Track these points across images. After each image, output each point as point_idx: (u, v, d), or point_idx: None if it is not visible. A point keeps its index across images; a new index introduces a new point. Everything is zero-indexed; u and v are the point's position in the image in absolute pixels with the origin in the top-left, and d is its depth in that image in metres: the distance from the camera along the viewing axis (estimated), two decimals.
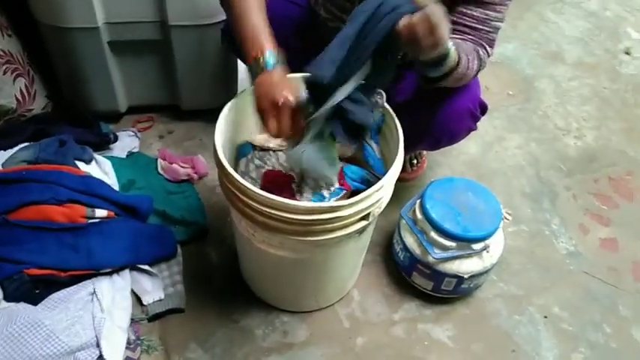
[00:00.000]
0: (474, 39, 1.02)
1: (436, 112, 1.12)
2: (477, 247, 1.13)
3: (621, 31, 2.17)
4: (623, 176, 1.59)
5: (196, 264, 1.26)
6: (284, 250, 1.00)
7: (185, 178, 1.41)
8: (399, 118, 1.01)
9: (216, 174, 0.99)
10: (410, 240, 1.19)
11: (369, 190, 0.90)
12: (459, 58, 0.93)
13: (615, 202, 1.52)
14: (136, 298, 1.16)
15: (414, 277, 1.22)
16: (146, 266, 1.18)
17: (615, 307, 1.27)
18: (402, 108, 1.04)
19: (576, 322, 1.23)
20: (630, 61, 2.02)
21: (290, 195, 1.01)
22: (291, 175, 1.05)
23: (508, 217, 1.43)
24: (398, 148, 0.97)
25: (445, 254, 1.13)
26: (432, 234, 1.14)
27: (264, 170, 1.06)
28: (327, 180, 1.01)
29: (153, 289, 1.17)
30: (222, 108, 1.01)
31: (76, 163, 1.27)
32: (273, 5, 1.13)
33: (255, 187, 0.89)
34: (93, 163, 1.32)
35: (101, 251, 1.12)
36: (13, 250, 1.08)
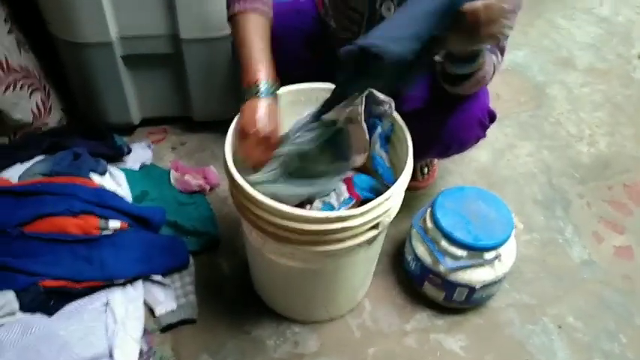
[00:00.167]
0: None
1: (445, 121, 1.12)
2: (488, 256, 1.12)
3: (634, 36, 2.15)
4: (637, 183, 1.57)
5: (208, 274, 1.27)
6: (294, 261, 1.00)
7: (197, 189, 1.42)
8: (407, 126, 1.02)
9: (227, 184, 1.01)
10: (421, 249, 1.19)
11: (378, 199, 0.90)
12: (485, 58, 0.94)
13: (630, 209, 1.50)
14: (149, 308, 1.17)
15: (425, 287, 1.21)
16: (159, 277, 1.19)
17: (631, 316, 1.25)
18: (411, 116, 1.04)
19: (591, 332, 1.22)
20: None
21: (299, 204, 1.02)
22: None
23: (520, 225, 1.42)
24: (407, 156, 0.97)
25: (456, 264, 1.12)
26: (443, 243, 1.13)
27: None
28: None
29: (165, 299, 1.17)
30: (233, 119, 1.02)
31: (90, 175, 1.29)
32: (283, 17, 1.14)
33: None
34: (107, 175, 1.34)
35: (114, 262, 1.14)
36: (28, 262, 1.10)
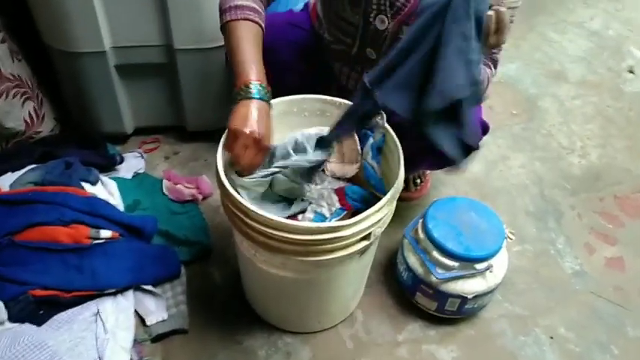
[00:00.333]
0: None
1: None
2: (480, 266, 1.13)
3: (624, 50, 2.18)
4: (628, 194, 1.58)
5: (200, 284, 1.26)
6: (286, 271, 1.00)
7: (189, 198, 1.42)
8: (399, 138, 1.02)
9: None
10: (413, 260, 1.19)
11: (369, 210, 0.90)
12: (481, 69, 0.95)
13: (621, 220, 1.50)
14: (140, 318, 1.16)
15: (417, 297, 1.21)
16: (150, 287, 1.18)
17: (622, 327, 1.25)
18: (403, 128, 1.04)
19: (582, 343, 1.22)
20: (634, 80, 2.03)
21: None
22: None
23: (511, 236, 1.42)
24: (399, 167, 0.98)
25: (448, 274, 1.12)
26: (435, 254, 1.13)
27: None
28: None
29: (156, 309, 1.17)
30: (226, 129, 1.02)
31: (82, 184, 1.29)
32: (277, 29, 1.15)
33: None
34: (99, 184, 1.34)
35: (105, 272, 1.13)
36: (17, 271, 1.09)
